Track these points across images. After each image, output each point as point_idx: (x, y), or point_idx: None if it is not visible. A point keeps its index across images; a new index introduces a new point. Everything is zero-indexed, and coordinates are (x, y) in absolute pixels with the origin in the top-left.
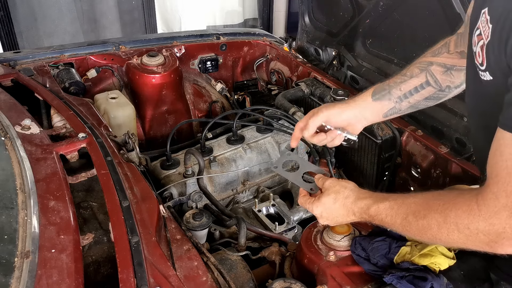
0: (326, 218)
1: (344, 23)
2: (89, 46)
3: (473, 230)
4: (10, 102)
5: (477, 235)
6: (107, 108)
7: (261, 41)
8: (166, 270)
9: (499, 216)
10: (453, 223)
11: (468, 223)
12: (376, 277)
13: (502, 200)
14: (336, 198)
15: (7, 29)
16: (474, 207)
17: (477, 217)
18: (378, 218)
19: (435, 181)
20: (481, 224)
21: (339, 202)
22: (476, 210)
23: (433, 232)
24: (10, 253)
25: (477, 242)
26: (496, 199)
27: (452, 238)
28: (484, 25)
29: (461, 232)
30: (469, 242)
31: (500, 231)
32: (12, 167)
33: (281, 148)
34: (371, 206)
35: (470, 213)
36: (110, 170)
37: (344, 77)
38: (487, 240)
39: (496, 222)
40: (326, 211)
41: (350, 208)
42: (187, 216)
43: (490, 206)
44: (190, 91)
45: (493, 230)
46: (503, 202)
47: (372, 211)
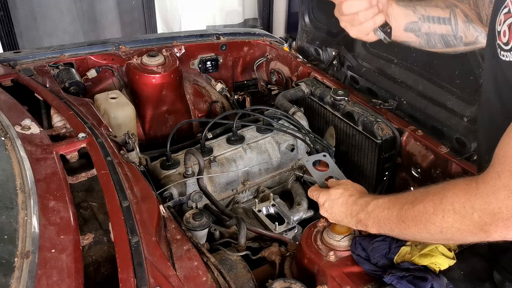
0: (326, 210)
1: None
2: (89, 46)
3: (468, 209)
4: (10, 102)
5: (471, 216)
6: (107, 108)
7: (261, 41)
8: (166, 270)
9: (497, 195)
10: (449, 202)
11: (464, 201)
12: (376, 277)
13: (504, 179)
14: (342, 194)
15: (7, 29)
16: (473, 185)
17: (474, 195)
18: (374, 215)
19: (435, 181)
20: (477, 202)
21: (343, 198)
22: (474, 188)
23: (428, 215)
24: (10, 253)
25: (471, 226)
26: (498, 177)
27: (447, 221)
28: None
29: (456, 213)
30: (463, 225)
31: (495, 211)
32: (12, 167)
33: (281, 148)
34: (370, 202)
35: (468, 191)
36: (110, 170)
37: (344, 77)
38: (482, 223)
39: (492, 201)
40: (328, 202)
41: (351, 207)
42: (187, 216)
43: (489, 184)
44: (190, 91)
45: (488, 210)
46: (504, 181)
47: (370, 206)
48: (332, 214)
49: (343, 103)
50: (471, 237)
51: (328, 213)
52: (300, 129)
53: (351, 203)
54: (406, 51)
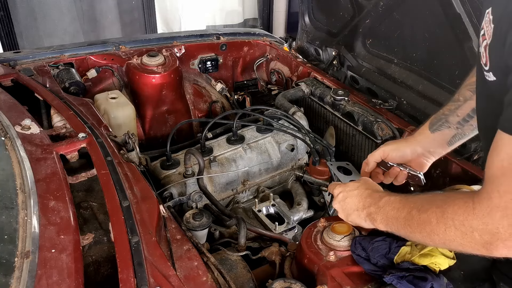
0: (339, 201)
1: (344, 23)
2: (89, 46)
3: (468, 227)
4: (10, 102)
5: (472, 234)
6: (107, 108)
7: (261, 41)
8: (166, 270)
9: (492, 216)
10: (450, 218)
11: (463, 220)
12: (376, 277)
13: (495, 200)
14: (359, 187)
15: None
16: (470, 204)
17: (472, 215)
18: (384, 211)
19: (435, 181)
20: (475, 222)
21: (359, 190)
22: (471, 207)
23: (432, 226)
24: (10, 253)
25: (473, 243)
26: (490, 199)
27: (449, 235)
28: (487, 25)
29: (457, 229)
30: (465, 241)
31: (494, 231)
32: (12, 167)
33: (281, 148)
34: (383, 197)
35: (466, 210)
36: (110, 170)
37: (344, 77)
38: (482, 241)
39: (489, 222)
40: (343, 193)
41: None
42: (187, 216)
43: (483, 205)
44: (190, 91)
45: (486, 230)
46: (496, 202)
47: (382, 201)
48: (344, 205)
49: (343, 103)
50: (474, 252)
51: (340, 204)
52: (300, 129)
53: (366, 195)
54: (406, 51)
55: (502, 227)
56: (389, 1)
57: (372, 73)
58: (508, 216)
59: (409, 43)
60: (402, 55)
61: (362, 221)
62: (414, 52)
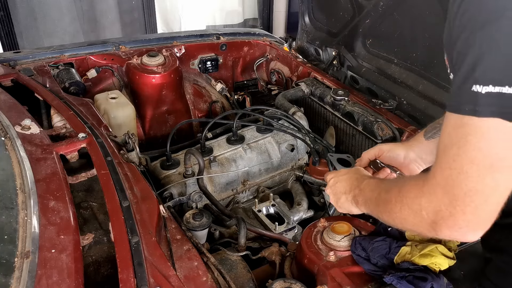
0: (330, 186)
1: (344, 23)
2: (89, 46)
3: (417, 205)
4: (10, 102)
5: (421, 213)
6: (107, 108)
7: (261, 41)
8: (166, 270)
9: (436, 193)
10: (405, 196)
11: (414, 198)
12: (376, 277)
13: (437, 177)
14: (349, 172)
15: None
16: (420, 182)
17: (421, 193)
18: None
19: None
20: (423, 201)
21: (349, 175)
22: (421, 185)
23: (391, 205)
24: (10, 253)
25: (423, 222)
26: (434, 176)
27: (404, 213)
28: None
29: (409, 208)
30: (417, 220)
31: (437, 209)
32: (12, 167)
33: (281, 148)
34: (365, 179)
35: (416, 188)
36: (110, 170)
37: (344, 77)
38: (429, 220)
39: (433, 199)
40: (335, 178)
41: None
42: (187, 216)
43: (429, 183)
44: (190, 91)
45: (431, 208)
46: (438, 179)
47: (364, 184)
48: (335, 190)
49: (343, 103)
50: (426, 232)
51: (331, 189)
52: (300, 129)
53: (354, 179)
54: (406, 51)
55: (444, 205)
56: (389, 1)
57: (372, 73)
58: (448, 193)
59: (409, 43)
60: (402, 55)
61: (349, 205)
62: (414, 52)
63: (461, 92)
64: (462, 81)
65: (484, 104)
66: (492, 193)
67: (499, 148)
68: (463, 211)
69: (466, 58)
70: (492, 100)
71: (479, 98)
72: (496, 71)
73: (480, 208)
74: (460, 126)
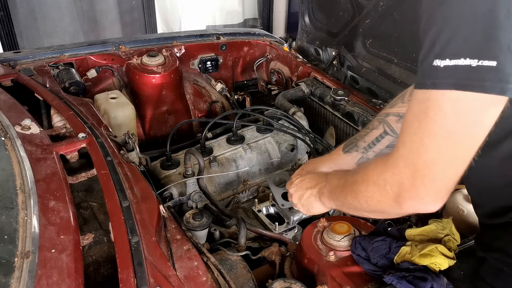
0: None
1: (344, 23)
2: (89, 46)
3: (382, 181)
4: (10, 102)
5: (385, 188)
6: (107, 108)
7: (261, 41)
8: (166, 270)
9: (398, 166)
10: (370, 174)
11: (379, 174)
12: (376, 277)
13: (400, 150)
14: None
15: (7, 29)
16: (385, 158)
17: (385, 168)
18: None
19: None
20: (387, 175)
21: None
22: (385, 160)
23: (358, 185)
24: (10, 253)
25: (387, 198)
26: (397, 150)
27: (369, 191)
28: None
29: (375, 184)
30: (381, 197)
31: (400, 182)
32: (12, 167)
33: (281, 148)
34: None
35: (381, 164)
36: (110, 170)
37: (344, 77)
38: (393, 194)
39: (396, 172)
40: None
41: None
42: (187, 216)
43: (393, 157)
44: (190, 91)
45: (394, 181)
46: (400, 152)
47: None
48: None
49: (343, 103)
50: (389, 208)
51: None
52: (300, 129)
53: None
54: (406, 51)
55: (406, 177)
56: (389, 1)
57: (372, 73)
58: (409, 165)
59: (409, 43)
60: (402, 55)
61: (313, 200)
62: (414, 52)
63: (423, 68)
64: (424, 57)
65: (442, 77)
66: (449, 165)
67: (454, 121)
68: (423, 182)
69: (427, 35)
70: (449, 73)
71: (438, 71)
72: (453, 45)
73: (438, 178)
74: (422, 101)
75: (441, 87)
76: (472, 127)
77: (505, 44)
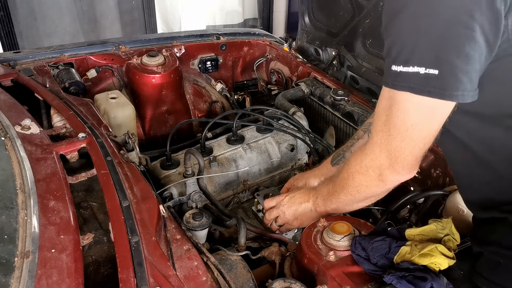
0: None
1: (344, 23)
2: (89, 46)
3: (364, 167)
4: (10, 102)
5: (368, 172)
6: (107, 108)
7: (261, 41)
8: (166, 270)
9: (374, 152)
10: (353, 165)
11: (360, 162)
12: (376, 277)
13: (374, 138)
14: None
15: (7, 29)
16: (362, 148)
17: (364, 155)
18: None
19: (435, 181)
20: (367, 161)
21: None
22: (363, 150)
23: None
24: (10, 253)
25: (372, 180)
26: (372, 138)
27: (357, 180)
28: None
29: (359, 172)
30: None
31: (378, 164)
32: (12, 167)
33: (281, 148)
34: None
35: (360, 153)
36: (110, 170)
37: (344, 77)
38: (376, 175)
39: (373, 157)
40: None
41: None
42: (187, 216)
43: (369, 145)
44: (190, 91)
45: (374, 165)
46: (374, 139)
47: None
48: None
49: (343, 103)
50: (377, 189)
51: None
52: (300, 129)
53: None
54: None
55: (383, 159)
56: None
57: (372, 73)
58: (383, 150)
59: None
60: None
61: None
62: None
63: (386, 69)
64: (386, 61)
65: (399, 80)
66: (413, 148)
67: (411, 118)
68: (397, 161)
69: (386, 42)
70: (403, 78)
71: (395, 75)
72: (403, 54)
73: (408, 158)
74: (387, 98)
75: (399, 89)
76: (427, 123)
77: (444, 57)
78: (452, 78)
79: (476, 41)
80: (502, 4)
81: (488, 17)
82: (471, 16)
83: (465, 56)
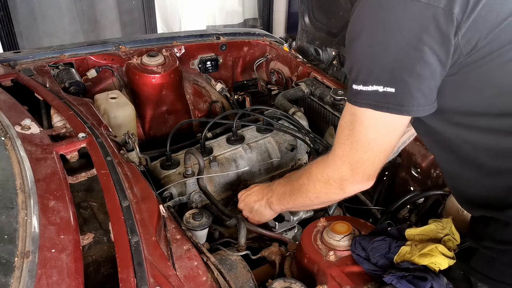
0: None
1: (344, 23)
2: (89, 46)
3: (326, 177)
4: (10, 102)
5: (329, 182)
6: (107, 108)
7: (261, 41)
8: (166, 270)
9: (337, 163)
10: (314, 173)
11: (322, 171)
12: (376, 276)
13: (337, 151)
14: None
15: (7, 29)
16: (325, 157)
17: (327, 166)
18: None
19: (435, 181)
20: (329, 171)
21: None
22: (326, 159)
23: (306, 186)
24: (10, 253)
25: (333, 189)
26: (334, 150)
27: (317, 188)
28: None
29: (320, 181)
30: (328, 190)
31: (340, 175)
32: (12, 167)
33: (281, 148)
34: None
35: (322, 163)
36: (110, 170)
37: (344, 77)
38: (337, 186)
39: (336, 168)
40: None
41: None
42: (187, 216)
43: (331, 156)
44: (190, 91)
45: (336, 176)
46: (337, 152)
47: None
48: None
49: (343, 103)
50: (336, 196)
51: (244, 202)
52: (300, 129)
53: (264, 187)
54: None
55: (344, 170)
56: None
57: None
58: (345, 162)
59: None
60: None
61: (263, 209)
62: None
63: (349, 87)
64: (349, 79)
65: (360, 97)
66: (374, 160)
67: (372, 132)
68: (358, 172)
69: (346, 62)
70: (364, 96)
71: (356, 93)
72: (362, 75)
73: (368, 169)
74: (350, 113)
75: (360, 105)
76: (387, 136)
77: (398, 76)
78: (407, 95)
79: (426, 61)
80: (450, 25)
81: (436, 39)
82: (420, 39)
83: (417, 75)
